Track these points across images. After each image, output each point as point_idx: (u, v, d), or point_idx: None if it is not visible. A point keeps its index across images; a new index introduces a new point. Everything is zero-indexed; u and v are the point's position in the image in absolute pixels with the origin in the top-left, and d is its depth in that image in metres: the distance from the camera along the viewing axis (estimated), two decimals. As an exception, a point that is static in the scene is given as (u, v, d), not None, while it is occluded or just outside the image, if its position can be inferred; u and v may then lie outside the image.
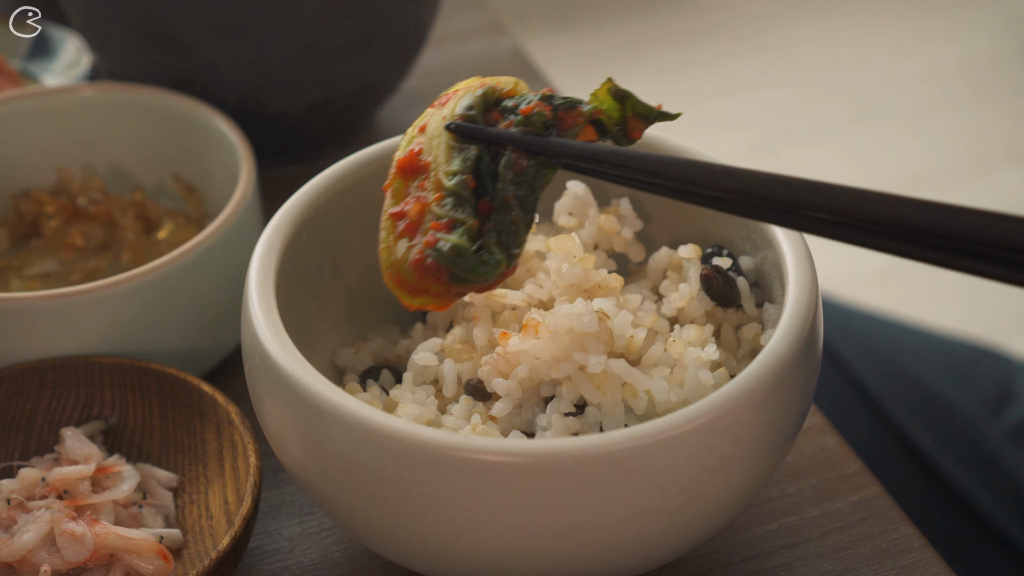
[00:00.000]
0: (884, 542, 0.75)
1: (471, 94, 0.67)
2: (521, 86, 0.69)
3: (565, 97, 0.67)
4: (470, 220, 0.63)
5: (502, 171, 0.65)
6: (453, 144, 0.65)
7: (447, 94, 0.69)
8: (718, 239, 0.75)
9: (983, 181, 2.45)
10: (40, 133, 0.94)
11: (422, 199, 0.65)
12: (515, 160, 0.65)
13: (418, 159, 0.66)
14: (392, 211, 0.65)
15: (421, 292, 0.64)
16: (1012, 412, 1.16)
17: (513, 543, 0.62)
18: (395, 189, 0.66)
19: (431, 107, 0.69)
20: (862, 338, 1.20)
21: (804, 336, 0.64)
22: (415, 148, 0.66)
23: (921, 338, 1.23)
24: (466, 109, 0.66)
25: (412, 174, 0.66)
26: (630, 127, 0.67)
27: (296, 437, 0.65)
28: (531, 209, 0.65)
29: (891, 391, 1.13)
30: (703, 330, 0.70)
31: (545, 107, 0.66)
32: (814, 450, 0.80)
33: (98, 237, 0.90)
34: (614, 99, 0.67)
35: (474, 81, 0.70)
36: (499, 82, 0.68)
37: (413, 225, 0.65)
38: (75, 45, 1.07)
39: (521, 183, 0.65)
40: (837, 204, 0.56)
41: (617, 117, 0.67)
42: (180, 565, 0.73)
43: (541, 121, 0.65)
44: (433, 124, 0.67)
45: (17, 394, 0.79)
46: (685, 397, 0.67)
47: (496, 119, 0.66)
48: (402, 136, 0.69)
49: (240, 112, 0.96)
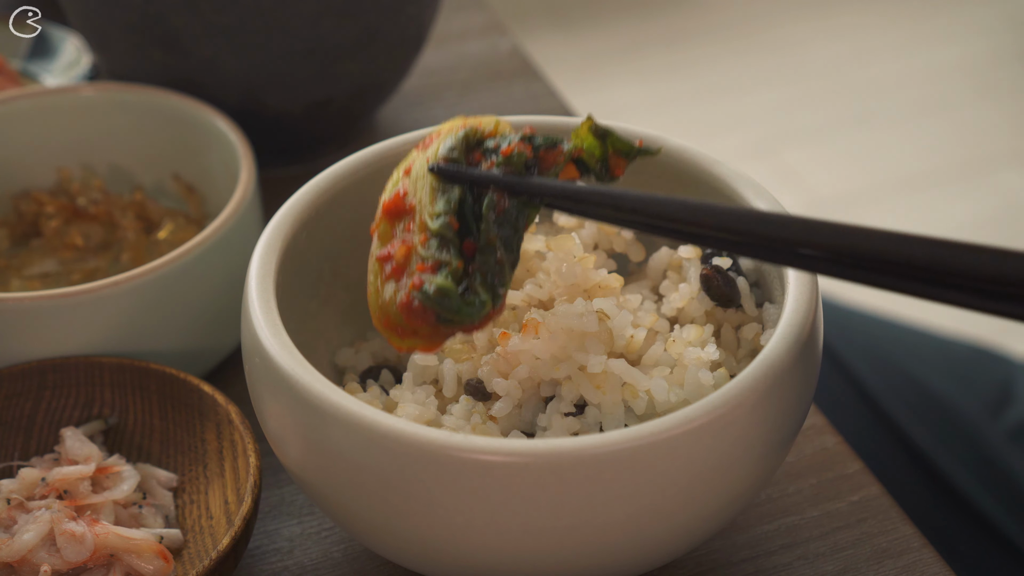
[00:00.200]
0: (884, 542, 0.75)
1: (453, 135, 0.67)
2: (503, 126, 0.69)
3: (546, 136, 0.67)
4: (455, 261, 0.64)
5: (485, 212, 0.65)
6: (436, 186, 0.66)
7: (430, 136, 0.69)
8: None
9: (983, 181, 2.45)
10: (40, 133, 0.94)
11: (408, 241, 0.65)
12: (497, 201, 0.65)
13: (403, 201, 0.66)
14: (379, 254, 0.66)
15: (410, 334, 0.65)
16: (1012, 412, 1.16)
17: (513, 543, 0.62)
18: (382, 232, 0.67)
19: (415, 149, 0.69)
20: (862, 338, 1.20)
21: (804, 336, 0.64)
22: (400, 190, 0.67)
23: (921, 338, 1.23)
24: (448, 151, 0.66)
25: (398, 216, 0.66)
26: (612, 164, 0.67)
27: (296, 437, 0.65)
28: (515, 249, 0.65)
29: (891, 391, 1.13)
30: (703, 330, 0.70)
31: (525, 147, 0.66)
32: (814, 450, 0.80)
33: (98, 237, 0.90)
34: (595, 137, 0.67)
35: (457, 122, 0.70)
36: (480, 123, 0.69)
37: (399, 268, 0.65)
38: (75, 45, 1.07)
39: (504, 223, 0.65)
40: (818, 239, 0.58)
41: (599, 155, 0.67)
42: (180, 565, 0.73)
43: (522, 161, 0.66)
44: (417, 166, 0.67)
45: (17, 394, 0.79)
46: (685, 397, 0.67)
47: (478, 160, 0.66)
48: (388, 179, 0.69)
49: (240, 112, 0.96)
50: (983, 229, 2.33)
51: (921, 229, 2.32)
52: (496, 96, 1.14)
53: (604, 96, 2.60)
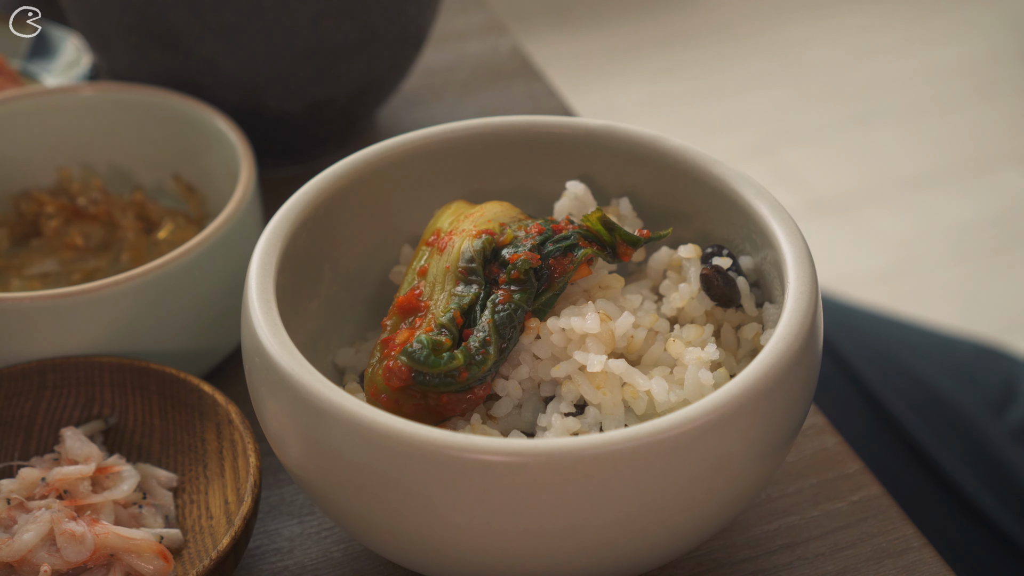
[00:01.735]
0: (884, 542, 0.75)
1: (470, 241, 0.70)
2: (507, 212, 0.73)
3: (557, 239, 0.70)
4: (445, 340, 0.67)
5: (488, 303, 0.69)
6: (454, 293, 0.69)
7: (442, 232, 0.72)
8: (718, 239, 0.75)
9: (983, 181, 2.45)
10: (40, 133, 0.94)
11: (414, 330, 0.69)
12: (502, 297, 0.69)
13: (418, 301, 0.70)
14: (384, 339, 0.70)
15: (393, 405, 0.67)
16: (1015, 411, 1.16)
17: (513, 543, 0.62)
18: (392, 324, 0.70)
19: (425, 245, 0.72)
20: (863, 337, 1.20)
21: (804, 336, 0.64)
22: (416, 291, 0.70)
23: (923, 337, 1.23)
24: (467, 262, 0.70)
25: (410, 312, 0.70)
26: (620, 251, 0.72)
27: (296, 437, 0.65)
28: (508, 339, 0.68)
29: (893, 390, 1.13)
30: (703, 330, 0.70)
31: (534, 257, 0.69)
32: (814, 450, 0.80)
33: (98, 237, 0.90)
34: (603, 227, 0.71)
35: (461, 208, 0.74)
36: (490, 222, 0.72)
37: (398, 348, 0.68)
38: (75, 45, 1.07)
39: (502, 312, 0.68)
40: None
41: (607, 240, 0.71)
42: (180, 565, 0.73)
43: (529, 270, 0.69)
44: (434, 270, 0.71)
45: (17, 394, 0.79)
46: (685, 397, 0.67)
47: (496, 273, 0.70)
48: (402, 276, 0.73)
49: (240, 112, 0.96)
50: (983, 229, 2.33)
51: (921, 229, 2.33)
52: (496, 96, 1.14)
53: (604, 96, 2.59)
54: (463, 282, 0.69)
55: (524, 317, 0.69)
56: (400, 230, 0.79)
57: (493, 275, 0.70)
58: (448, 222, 0.73)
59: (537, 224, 0.71)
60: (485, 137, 0.77)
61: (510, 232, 0.71)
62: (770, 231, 0.70)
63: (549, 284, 0.70)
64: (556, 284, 0.70)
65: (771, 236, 0.70)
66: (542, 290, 0.69)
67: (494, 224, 0.72)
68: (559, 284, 0.70)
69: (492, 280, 0.69)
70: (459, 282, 0.69)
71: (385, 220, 0.78)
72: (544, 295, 0.70)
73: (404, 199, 0.78)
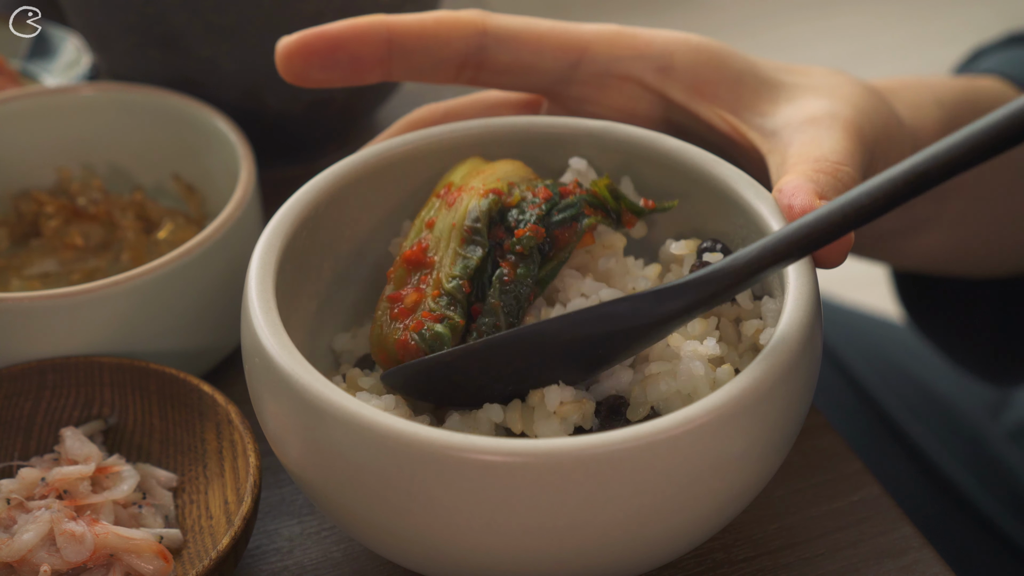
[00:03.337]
0: (884, 542, 0.75)
1: (477, 201, 0.71)
2: (518, 172, 0.73)
3: (563, 206, 0.71)
4: (458, 319, 0.68)
5: (494, 281, 0.69)
6: (459, 251, 0.70)
7: (453, 187, 0.73)
8: (717, 234, 0.75)
9: (983, 181, 2.45)
10: (40, 133, 0.94)
11: (421, 291, 0.70)
12: (507, 273, 0.69)
13: (424, 255, 0.71)
14: (390, 295, 0.70)
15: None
16: (1012, 412, 1.16)
17: (513, 543, 0.62)
18: (397, 277, 0.71)
19: (435, 197, 0.73)
20: (862, 338, 1.20)
21: (804, 336, 0.64)
22: (423, 243, 0.71)
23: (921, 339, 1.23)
24: (473, 221, 0.71)
25: (416, 267, 0.71)
26: (624, 219, 0.73)
27: (296, 437, 0.65)
28: (516, 317, 0.69)
29: (891, 391, 1.13)
30: (705, 323, 0.69)
31: (539, 232, 0.70)
32: (814, 450, 0.80)
33: (98, 237, 0.90)
34: (610, 194, 0.72)
35: (476, 164, 0.74)
36: (499, 181, 0.72)
37: (406, 311, 0.69)
38: (75, 45, 1.07)
39: (508, 292, 0.69)
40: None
41: (613, 207, 0.72)
42: (180, 565, 0.73)
43: (532, 246, 0.70)
44: (441, 225, 0.71)
45: (17, 394, 0.79)
46: (684, 392, 0.67)
47: (501, 237, 0.71)
48: (409, 227, 0.74)
49: (240, 112, 0.96)
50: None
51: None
52: (496, 96, 1.13)
53: (604, 96, 2.59)
54: (468, 242, 0.70)
55: (530, 291, 0.70)
56: (400, 230, 0.79)
57: (499, 239, 0.71)
58: (460, 176, 0.74)
59: (544, 188, 0.72)
60: (485, 137, 0.77)
61: (517, 194, 0.72)
62: (770, 231, 0.70)
63: (553, 254, 0.71)
64: (560, 255, 0.71)
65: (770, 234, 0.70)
66: (546, 260, 0.71)
67: (503, 184, 0.72)
68: (563, 255, 0.71)
69: (497, 243, 0.70)
70: (464, 241, 0.70)
71: (385, 220, 0.78)
72: (548, 264, 0.71)
73: (404, 199, 0.78)
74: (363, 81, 0.77)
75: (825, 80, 0.77)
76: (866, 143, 0.73)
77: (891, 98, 0.82)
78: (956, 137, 0.59)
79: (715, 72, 0.76)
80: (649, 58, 0.78)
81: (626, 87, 0.78)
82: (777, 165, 0.72)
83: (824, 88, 0.76)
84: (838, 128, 0.72)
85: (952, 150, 0.59)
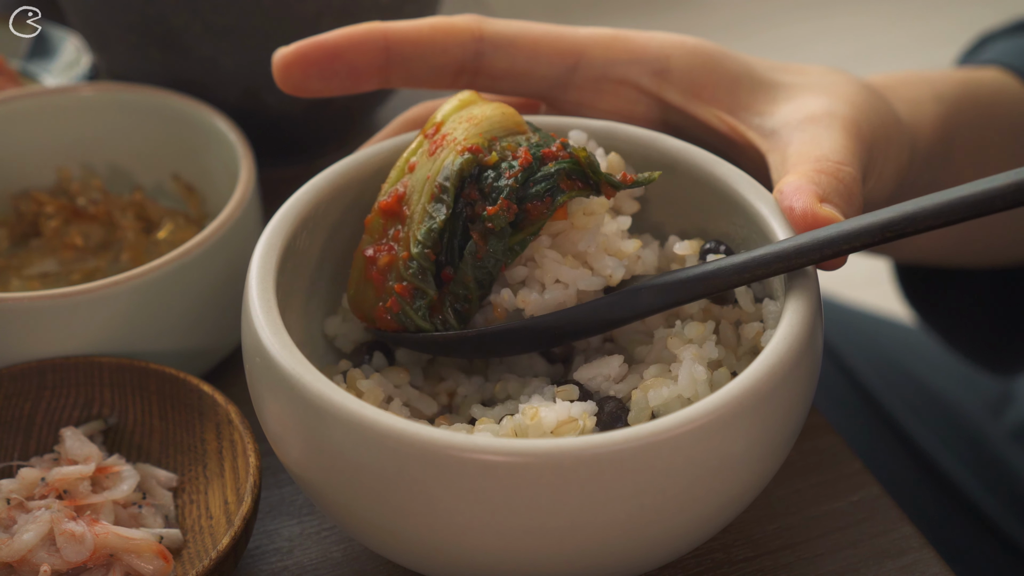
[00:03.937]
0: (884, 542, 0.75)
1: (452, 158, 0.69)
2: (505, 123, 0.71)
3: (540, 177, 0.69)
4: (431, 292, 0.68)
5: (465, 255, 0.69)
6: (428, 209, 0.69)
7: (439, 130, 0.71)
8: (718, 238, 0.75)
9: (983, 181, 2.45)
10: (40, 133, 0.94)
11: (393, 251, 0.69)
12: (478, 247, 0.69)
13: (400, 205, 0.70)
14: (366, 252, 0.70)
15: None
16: (1013, 412, 1.16)
17: (513, 543, 0.62)
18: (374, 226, 0.70)
19: (423, 136, 0.72)
20: (863, 338, 1.20)
21: (805, 336, 0.64)
22: (400, 190, 0.70)
23: (922, 338, 1.23)
24: (444, 179, 0.69)
25: (391, 217, 0.70)
26: (603, 189, 0.71)
27: (296, 437, 0.65)
28: (487, 287, 0.69)
29: (892, 391, 1.13)
30: (704, 327, 0.69)
31: (511, 209, 0.68)
32: (814, 450, 0.80)
33: (98, 237, 0.90)
34: (588, 167, 0.70)
35: (469, 101, 0.73)
36: (481, 136, 0.70)
37: (380, 275, 0.69)
38: (75, 45, 1.07)
39: (480, 267, 0.69)
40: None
41: (594, 178, 0.70)
42: (180, 565, 0.73)
43: (504, 222, 0.68)
44: (419, 172, 0.70)
45: (17, 394, 0.79)
46: (684, 395, 0.67)
47: (474, 198, 0.69)
48: (393, 167, 0.73)
49: (240, 112, 0.96)
50: (983, 229, 2.33)
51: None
52: (496, 96, 1.13)
53: (604, 96, 2.59)
54: (436, 199, 0.69)
55: (501, 267, 0.69)
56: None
57: (471, 199, 0.69)
58: (449, 114, 0.72)
59: (525, 151, 0.70)
60: (485, 137, 0.77)
61: (495, 154, 0.70)
62: (771, 231, 0.70)
63: (524, 226, 0.69)
64: (531, 227, 0.69)
65: (772, 236, 0.70)
66: (517, 230, 0.69)
67: (484, 139, 0.70)
68: (534, 228, 0.69)
69: (469, 204, 0.69)
70: (433, 198, 0.69)
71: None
72: (518, 235, 0.69)
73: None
74: (361, 89, 0.77)
75: (823, 78, 0.77)
76: (865, 141, 0.73)
77: (889, 95, 0.82)
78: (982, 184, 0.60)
79: (712, 74, 0.76)
80: (645, 62, 0.78)
81: (623, 91, 0.78)
82: (777, 164, 0.72)
83: (822, 86, 0.76)
84: (837, 126, 0.72)
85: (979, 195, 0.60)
